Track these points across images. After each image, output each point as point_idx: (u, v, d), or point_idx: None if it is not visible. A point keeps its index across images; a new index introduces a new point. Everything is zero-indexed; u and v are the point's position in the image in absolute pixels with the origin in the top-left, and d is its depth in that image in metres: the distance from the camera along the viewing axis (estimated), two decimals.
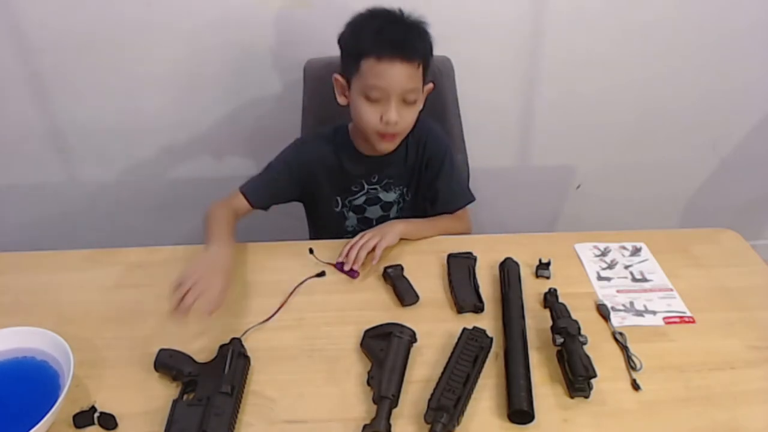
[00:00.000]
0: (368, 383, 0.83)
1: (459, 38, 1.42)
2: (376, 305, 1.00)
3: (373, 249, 1.06)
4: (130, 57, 1.43)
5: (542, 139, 1.71)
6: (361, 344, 0.91)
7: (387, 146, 1.10)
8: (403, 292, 1.00)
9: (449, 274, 1.04)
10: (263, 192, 1.16)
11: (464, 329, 0.90)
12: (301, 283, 1.04)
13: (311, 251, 1.10)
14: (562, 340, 0.87)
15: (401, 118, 1.04)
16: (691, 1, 1.46)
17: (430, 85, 1.11)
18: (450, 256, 1.07)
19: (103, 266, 1.09)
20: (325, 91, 1.31)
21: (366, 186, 1.20)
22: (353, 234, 1.12)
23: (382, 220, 1.23)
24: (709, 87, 1.63)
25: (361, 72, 1.02)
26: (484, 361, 0.87)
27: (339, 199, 1.22)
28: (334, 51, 1.29)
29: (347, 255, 1.06)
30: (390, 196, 1.23)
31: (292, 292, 1.01)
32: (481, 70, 1.51)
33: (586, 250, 1.13)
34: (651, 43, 1.52)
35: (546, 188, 1.85)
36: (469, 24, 1.44)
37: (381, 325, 0.92)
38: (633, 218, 1.87)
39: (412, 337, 0.90)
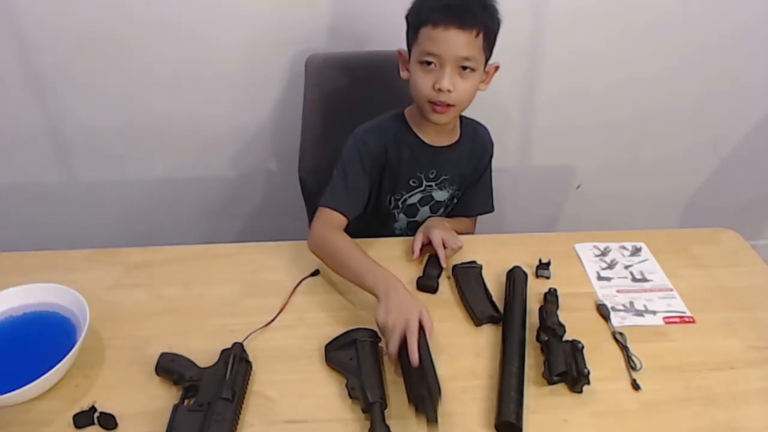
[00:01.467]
0: (350, 396, 0.82)
1: None
2: (374, 305, 1.00)
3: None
4: (131, 56, 1.43)
5: (542, 139, 1.71)
6: (326, 360, 0.88)
7: (439, 117, 1.05)
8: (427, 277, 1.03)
9: (459, 287, 1.02)
10: (354, 202, 1.09)
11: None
12: (299, 284, 1.04)
13: None
14: (546, 338, 0.88)
15: (455, 88, 1.00)
16: (692, 1, 1.46)
17: (496, 64, 1.08)
18: (455, 268, 1.05)
19: (103, 266, 1.09)
20: (326, 86, 1.31)
21: (424, 182, 1.16)
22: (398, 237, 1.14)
23: None
24: (710, 86, 1.63)
25: (419, 40, 1.00)
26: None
27: (392, 198, 1.18)
28: (336, 47, 1.29)
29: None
30: (442, 195, 1.20)
31: (291, 293, 1.01)
32: None
33: (586, 250, 1.13)
34: (651, 43, 1.52)
35: (546, 188, 1.85)
36: None
37: (339, 337, 0.90)
38: (633, 218, 1.87)
39: (376, 337, 0.90)
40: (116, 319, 0.97)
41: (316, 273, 1.06)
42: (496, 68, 1.09)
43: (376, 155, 1.11)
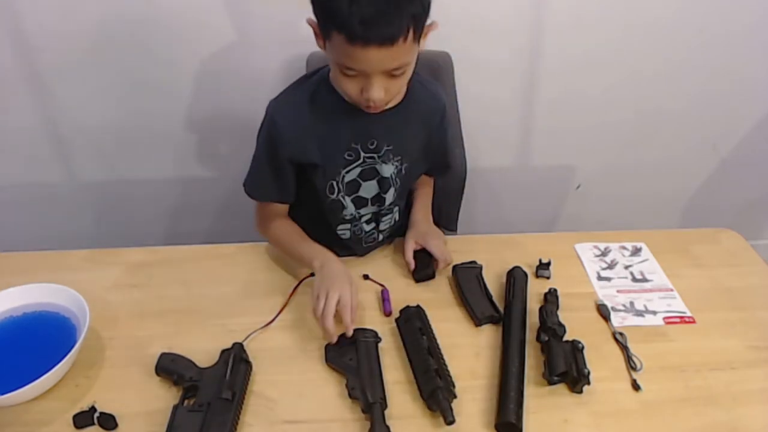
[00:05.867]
0: (350, 396, 0.82)
1: (459, 34, 1.42)
2: (374, 305, 1.00)
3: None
4: (130, 56, 1.43)
5: (542, 139, 1.70)
6: (326, 360, 0.88)
7: (373, 112, 0.92)
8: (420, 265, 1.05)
9: (459, 287, 1.02)
10: (285, 186, 1.03)
11: (396, 320, 0.95)
12: (299, 284, 1.04)
13: (366, 277, 1.07)
14: (546, 338, 0.88)
15: (387, 92, 0.87)
16: (691, 1, 1.46)
17: (433, 25, 0.87)
18: (455, 268, 1.05)
19: (103, 266, 1.09)
20: None
21: (362, 154, 1.00)
22: (351, 223, 1.08)
23: (377, 200, 1.08)
24: (709, 87, 1.63)
25: (333, 44, 0.82)
26: (428, 325, 0.92)
27: (334, 182, 1.02)
28: None
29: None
30: (388, 170, 1.03)
31: (291, 293, 1.01)
32: (481, 67, 1.50)
33: (586, 250, 1.13)
34: (651, 43, 1.52)
35: (546, 188, 1.85)
36: (470, 20, 1.44)
37: (340, 337, 0.90)
38: (633, 218, 1.87)
39: (376, 337, 0.90)
40: (116, 319, 0.97)
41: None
42: (434, 28, 0.88)
43: (291, 137, 0.97)
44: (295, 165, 1.01)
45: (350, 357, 0.87)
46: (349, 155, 1.00)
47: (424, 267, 1.05)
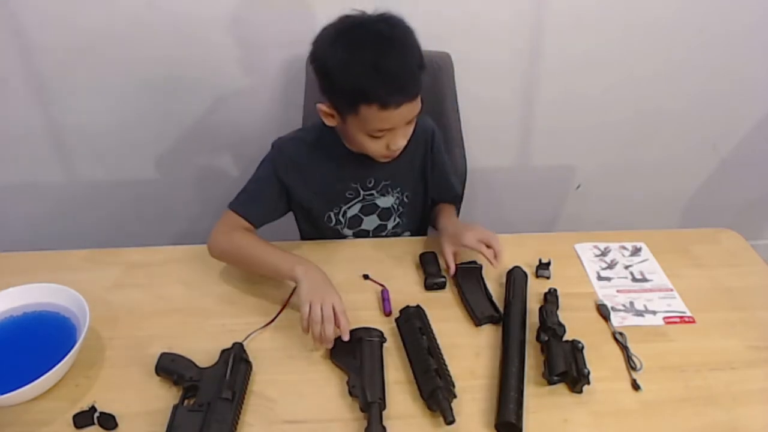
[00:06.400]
0: (350, 394, 0.82)
1: (459, 34, 1.42)
2: (374, 305, 1.01)
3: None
4: (131, 56, 1.43)
5: (542, 139, 1.71)
6: (331, 357, 0.89)
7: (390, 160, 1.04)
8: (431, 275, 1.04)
9: (459, 287, 1.02)
10: (261, 211, 1.08)
11: (396, 320, 0.95)
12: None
13: (366, 277, 1.07)
14: (546, 338, 0.89)
15: (406, 137, 0.98)
16: (691, 1, 1.46)
17: None
18: (456, 267, 1.05)
19: (103, 266, 1.09)
20: None
21: (361, 192, 1.11)
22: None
23: (378, 230, 1.18)
24: (710, 86, 1.63)
25: (362, 117, 0.91)
26: (428, 325, 0.92)
27: (332, 214, 1.13)
28: None
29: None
30: (387, 201, 1.14)
31: (291, 293, 1.01)
32: (481, 67, 1.50)
33: (586, 250, 1.13)
34: (651, 43, 1.52)
35: (546, 188, 1.85)
36: (470, 20, 1.44)
37: (339, 338, 0.89)
38: (633, 218, 1.87)
39: (382, 337, 0.90)
40: (116, 319, 0.97)
41: None
42: None
43: (294, 167, 1.06)
44: (291, 195, 1.09)
45: (354, 355, 0.87)
46: (350, 194, 1.11)
47: (433, 275, 1.04)
